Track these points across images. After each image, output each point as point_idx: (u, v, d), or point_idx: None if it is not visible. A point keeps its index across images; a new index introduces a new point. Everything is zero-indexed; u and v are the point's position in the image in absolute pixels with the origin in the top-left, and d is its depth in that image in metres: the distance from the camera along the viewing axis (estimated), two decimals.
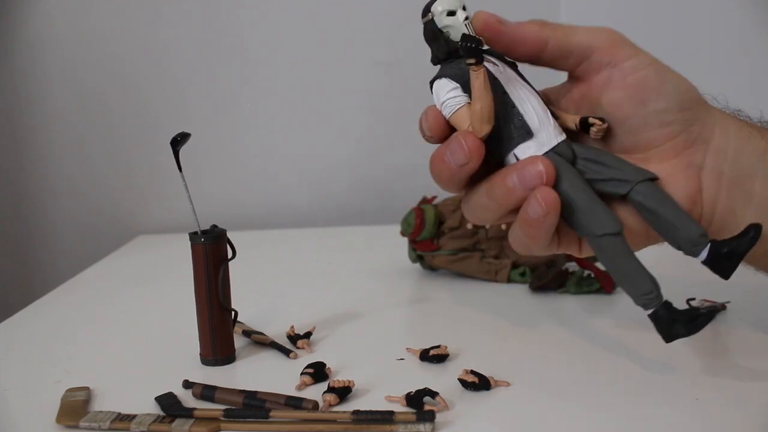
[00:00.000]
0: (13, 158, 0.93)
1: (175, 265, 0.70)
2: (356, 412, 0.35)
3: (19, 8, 0.89)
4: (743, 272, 0.40)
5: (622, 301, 0.55)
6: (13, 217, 0.95)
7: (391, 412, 0.35)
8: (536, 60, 0.39)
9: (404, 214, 0.65)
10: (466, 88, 0.37)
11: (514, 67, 0.39)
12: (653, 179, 0.37)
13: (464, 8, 0.38)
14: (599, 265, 0.57)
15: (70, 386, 0.41)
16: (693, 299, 0.51)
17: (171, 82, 0.93)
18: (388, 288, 0.63)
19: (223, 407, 0.37)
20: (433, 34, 0.38)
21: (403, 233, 0.64)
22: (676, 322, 0.35)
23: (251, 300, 0.52)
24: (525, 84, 0.39)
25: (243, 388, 0.39)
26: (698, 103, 0.39)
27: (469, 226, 0.63)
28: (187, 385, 0.40)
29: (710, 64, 0.78)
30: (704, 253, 0.36)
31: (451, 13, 0.37)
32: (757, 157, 0.38)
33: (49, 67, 0.91)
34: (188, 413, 0.36)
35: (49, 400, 0.39)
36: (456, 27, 0.37)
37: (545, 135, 0.37)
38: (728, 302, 0.52)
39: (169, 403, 0.38)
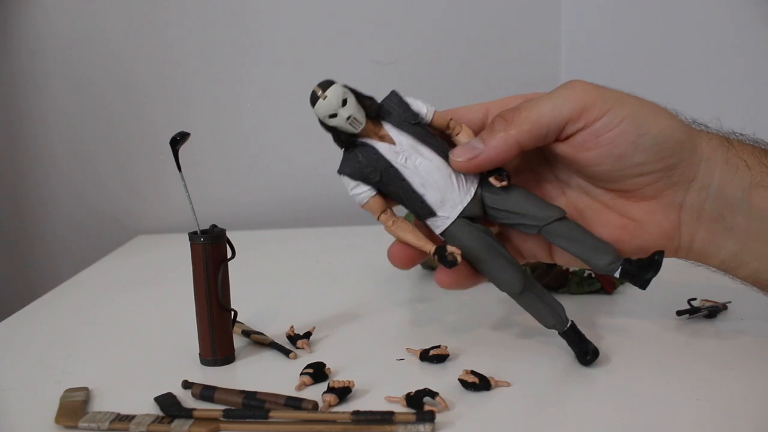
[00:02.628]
0: (13, 158, 0.93)
1: (174, 265, 0.70)
2: (356, 413, 0.35)
3: (19, 8, 0.89)
4: None
5: (623, 301, 0.55)
6: (13, 217, 0.95)
7: (391, 413, 0.35)
8: (523, 154, 0.40)
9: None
10: (368, 179, 0.40)
11: (415, 125, 0.40)
12: (560, 218, 0.39)
13: (345, 103, 0.38)
14: None
15: (69, 386, 0.41)
16: (694, 299, 0.51)
17: (171, 82, 0.93)
18: (388, 288, 0.63)
19: (223, 407, 0.37)
20: (325, 128, 0.39)
21: None
22: (579, 345, 0.42)
23: (251, 300, 0.52)
24: (425, 147, 0.39)
25: (242, 389, 0.39)
26: (680, 147, 0.38)
27: None
28: (186, 385, 0.40)
29: (710, 64, 0.78)
30: (617, 273, 0.39)
31: (333, 116, 0.38)
32: (742, 191, 0.39)
33: (49, 66, 0.91)
34: (187, 413, 0.36)
35: (48, 401, 0.39)
36: (342, 126, 0.38)
37: (449, 206, 0.39)
38: (729, 302, 0.52)
39: (168, 404, 0.38)
